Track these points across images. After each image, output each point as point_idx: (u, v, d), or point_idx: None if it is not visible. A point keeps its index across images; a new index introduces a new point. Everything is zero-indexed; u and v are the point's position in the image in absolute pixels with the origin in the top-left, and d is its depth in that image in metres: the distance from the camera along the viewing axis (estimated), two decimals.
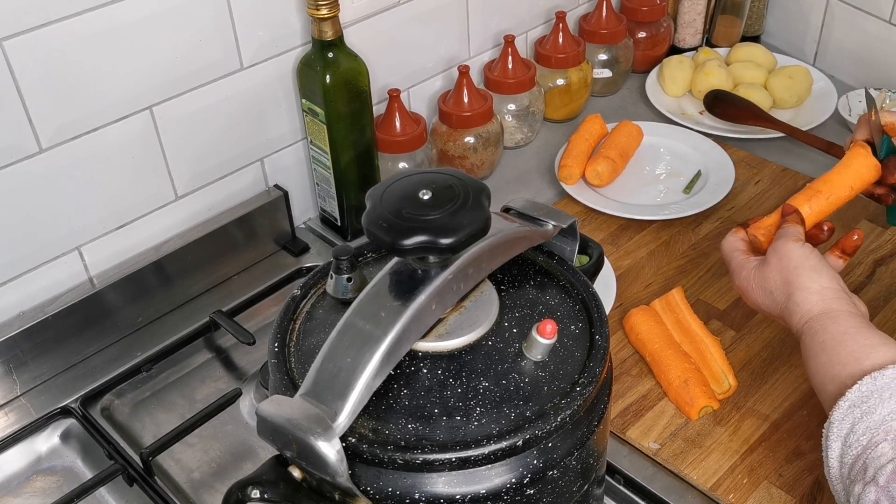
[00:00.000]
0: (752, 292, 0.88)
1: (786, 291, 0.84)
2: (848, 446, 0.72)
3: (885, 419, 0.69)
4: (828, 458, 0.74)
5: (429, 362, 0.67)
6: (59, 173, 0.98)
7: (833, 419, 0.73)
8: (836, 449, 0.73)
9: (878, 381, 0.72)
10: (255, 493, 0.59)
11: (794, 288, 0.84)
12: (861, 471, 0.70)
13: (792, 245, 0.86)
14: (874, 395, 0.71)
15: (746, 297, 0.89)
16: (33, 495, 0.95)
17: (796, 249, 0.86)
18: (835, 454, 0.73)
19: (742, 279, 0.89)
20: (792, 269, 0.84)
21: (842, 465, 0.72)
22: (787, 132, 1.32)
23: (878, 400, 0.71)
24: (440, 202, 0.63)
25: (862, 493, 0.68)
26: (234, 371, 1.07)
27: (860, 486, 0.69)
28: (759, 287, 0.87)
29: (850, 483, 0.71)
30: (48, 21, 0.90)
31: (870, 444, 0.70)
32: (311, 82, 1.10)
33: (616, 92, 1.52)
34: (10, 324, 1.00)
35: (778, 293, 0.85)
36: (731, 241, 0.94)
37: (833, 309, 0.81)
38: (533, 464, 0.63)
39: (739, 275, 0.90)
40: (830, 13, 1.48)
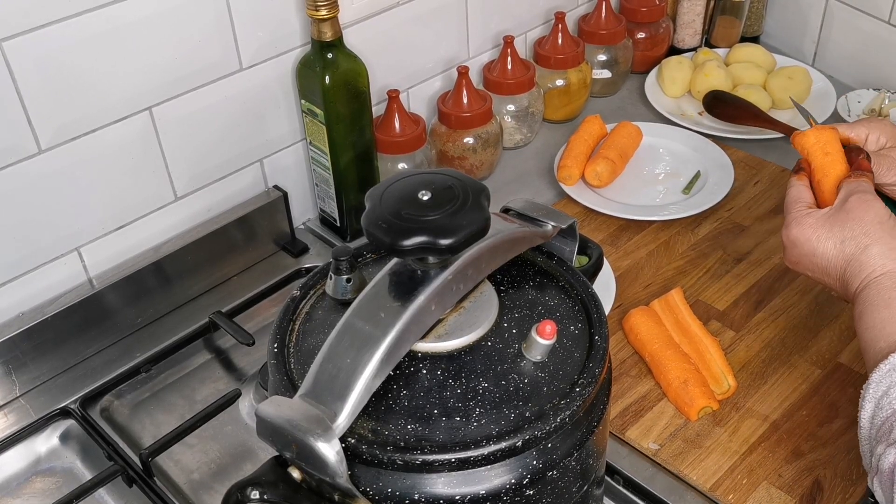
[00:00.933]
0: (816, 239, 0.85)
1: (862, 243, 0.82)
2: (880, 408, 0.72)
3: None
4: (861, 418, 0.75)
5: (428, 363, 0.67)
6: (58, 174, 0.98)
7: (871, 380, 0.74)
8: (868, 409, 0.74)
9: None
10: (254, 494, 0.59)
11: (873, 240, 0.82)
12: (886, 432, 0.71)
13: (879, 202, 0.85)
14: None
15: (803, 245, 0.86)
16: (33, 496, 0.95)
17: (882, 206, 0.85)
18: (867, 414, 0.74)
19: (806, 227, 0.86)
20: (876, 224, 0.83)
21: (872, 425, 0.73)
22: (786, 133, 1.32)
23: None
24: (439, 203, 0.63)
25: (883, 454, 0.69)
26: (233, 372, 1.07)
27: (882, 446, 0.70)
28: (827, 235, 0.85)
29: (875, 443, 0.72)
30: (48, 22, 0.90)
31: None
32: (310, 83, 1.10)
33: (615, 92, 1.52)
34: (10, 325, 1.00)
35: (850, 243, 0.83)
36: (797, 189, 0.91)
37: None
38: (532, 464, 0.63)
39: (803, 223, 0.87)
40: (829, 14, 1.48)
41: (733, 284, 1.12)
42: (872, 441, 0.74)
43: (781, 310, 1.08)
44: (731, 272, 1.14)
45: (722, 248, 1.18)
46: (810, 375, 1.00)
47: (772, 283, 1.12)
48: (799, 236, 0.87)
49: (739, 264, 1.15)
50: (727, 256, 1.16)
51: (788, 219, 0.89)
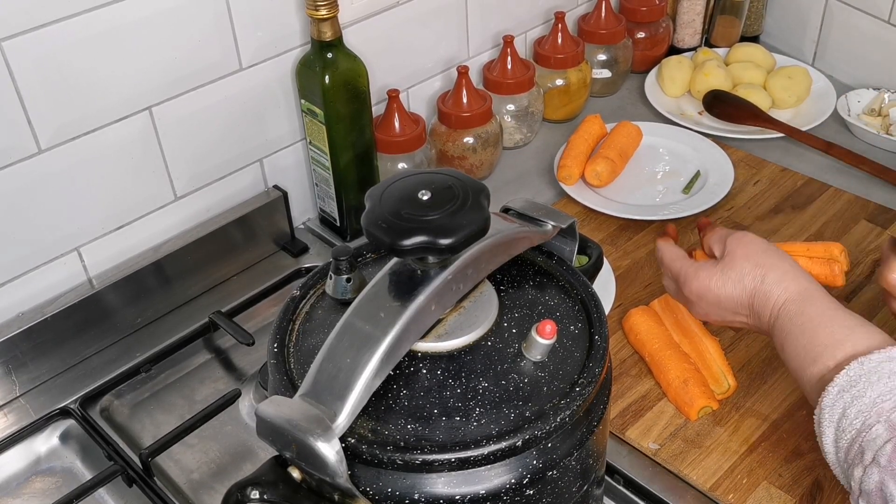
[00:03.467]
0: (715, 290, 0.87)
1: (758, 274, 0.84)
2: (842, 431, 0.72)
3: (875, 401, 0.70)
4: (823, 444, 0.75)
5: (428, 363, 0.67)
6: (58, 174, 0.98)
7: (824, 405, 0.74)
8: (829, 435, 0.74)
9: (865, 365, 0.73)
10: (254, 494, 0.59)
11: (767, 269, 0.84)
12: (859, 454, 0.70)
13: (750, 234, 0.88)
14: (862, 378, 0.72)
15: (708, 295, 0.88)
16: (32, 496, 0.95)
17: (756, 237, 0.88)
18: (829, 440, 0.74)
19: (703, 278, 0.88)
20: (761, 252, 0.86)
21: (837, 449, 0.73)
22: (786, 132, 1.32)
23: (867, 383, 0.72)
24: (439, 203, 0.63)
25: (864, 477, 0.69)
26: (233, 372, 1.07)
27: (860, 469, 0.70)
28: (724, 280, 0.86)
29: (848, 467, 0.72)
30: (47, 22, 0.90)
31: (863, 428, 0.70)
32: (310, 83, 1.10)
33: (615, 92, 1.52)
34: (10, 325, 1.00)
35: (749, 279, 0.85)
36: (670, 249, 0.94)
37: (807, 287, 0.82)
38: (532, 464, 0.63)
39: (699, 276, 0.88)
40: (829, 13, 1.48)
41: None
42: (843, 465, 0.73)
43: None
44: None
45: None
46: None
47: None
48: (700, 288, 0.88)
49: None
50: None
51: (681, 277, 0.90)
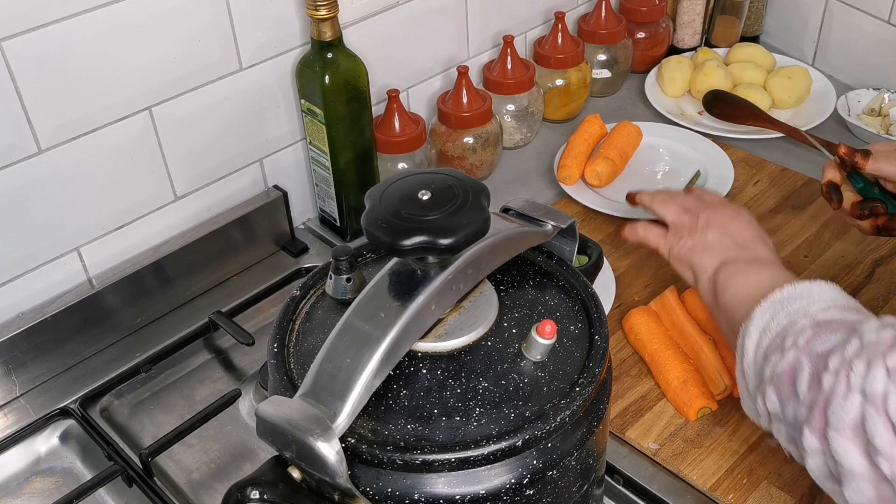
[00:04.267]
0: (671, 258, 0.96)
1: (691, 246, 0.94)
2: (766, 331, 0.77)
3: (804, 307, 0.76)
4: (745, 348, 0.78)
5: (428, 363, 0.67)
6: (58, 174, 0.98)
7: (754, 315, 0.78)
8: (754, 336, 0.78)
9: (797, 287, 0.78)
10: (254, 494, 0.59)
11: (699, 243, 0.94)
12: (779, 342, 0.74)
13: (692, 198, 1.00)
14: (793, 296, 0.77)
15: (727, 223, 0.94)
16: (32, 496, 0.95)
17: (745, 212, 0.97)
18: (752, 341, 0.78)
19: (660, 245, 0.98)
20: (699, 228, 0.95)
21: (758, 347, 0.77)
22: (786, 132, 1.32)
23: (797, 298, 0.77)
24: (439, 203, 0.63)
25: (779, 361, 0.73)
26: (233, 372, 1.07)
27: (777, 355, 0.74)
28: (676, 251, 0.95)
29: (765, 360, 0.76)
30: (47, 22, 0.90)
31: (789, 325, 0.75)
32: (310, 83, 1.10)
33: (615, 92, 1.52)
34: (10, 325, 1.00)
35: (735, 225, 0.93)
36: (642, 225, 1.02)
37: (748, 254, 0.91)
38: (532, 464, 0.63)
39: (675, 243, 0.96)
40: (829, 13, 1.48)
41: None
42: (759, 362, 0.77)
43: None
44: None
45: None
46: None
47: None
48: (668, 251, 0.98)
49: None
50: None
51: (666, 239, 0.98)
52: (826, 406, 0.67)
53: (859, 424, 0.65)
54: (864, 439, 0.64)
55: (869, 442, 0.64)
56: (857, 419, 0.65)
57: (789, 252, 1.16)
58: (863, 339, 0.67)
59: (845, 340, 0.69)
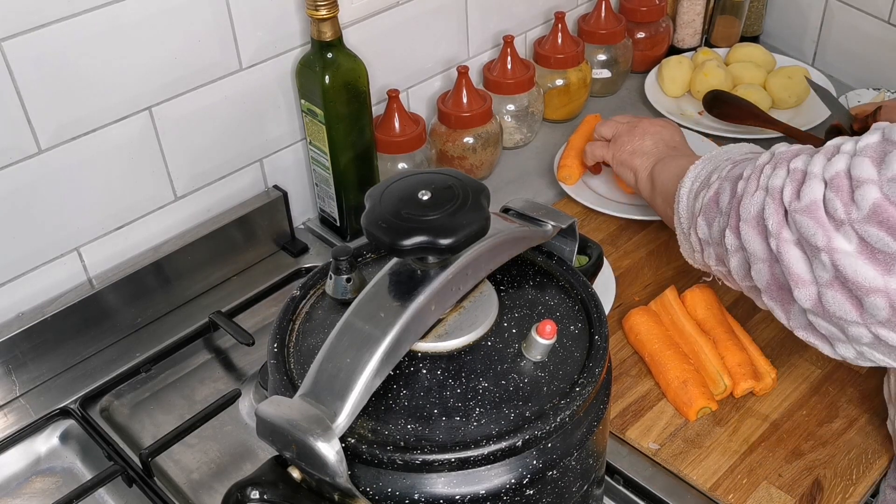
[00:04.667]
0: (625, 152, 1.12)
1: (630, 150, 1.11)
2: (697, 178, 0.91)
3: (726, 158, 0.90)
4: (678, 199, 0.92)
5: (428, 363, 0.67)
6: (58, 174, 0.98)
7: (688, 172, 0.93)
8: (687, 186, 0.92)
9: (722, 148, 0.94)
10: (254, 494, 0.59)
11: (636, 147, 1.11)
12: (705, 181, 0.88)
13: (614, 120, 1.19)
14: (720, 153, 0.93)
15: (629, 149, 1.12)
16: (33, 496, 0.95)
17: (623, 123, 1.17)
18: (686, 190, 0.92)
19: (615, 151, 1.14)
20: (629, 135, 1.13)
21: (689, 193, 0.91)
22: (785, 132, 1.32)
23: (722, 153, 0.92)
24: (439, 203, 0.63)
25: (705, 194, 0.86)
26: (233, 372, 1.07)
27: (704, 191, 0.87)
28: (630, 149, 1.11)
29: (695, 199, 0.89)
30: (47, 21, 0.90)
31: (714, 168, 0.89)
32: (310, 83, 1.10)
33: (615, 92, 1.52)
34: (10, 325, 1.00)
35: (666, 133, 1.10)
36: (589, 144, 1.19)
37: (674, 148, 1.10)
38: (532, 464, 0.63)
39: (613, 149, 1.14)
40: (829, 13, 1.48)
41: None
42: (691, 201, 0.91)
43: None
44: None
45: None
46: (810, 375, 1.00)
47: None
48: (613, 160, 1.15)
49: None
50: None
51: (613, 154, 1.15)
52: (738, 205, 0.80)
53: (760, 213, 0.78)
54: (763, 226, 0.77)
55: (765, 226, 0.77)
56: (759, 209, 0.78)
57: None
58: (774, 152, 0.81)
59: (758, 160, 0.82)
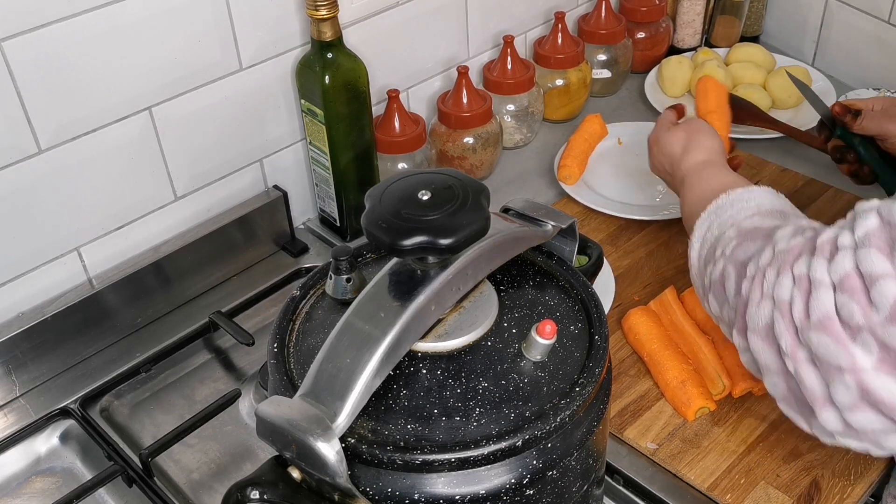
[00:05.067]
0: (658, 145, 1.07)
1: (684, 145, 1.03)
2: (705, 241, 0.87)
3: (732, 216, 0.86)
4: (690, 259, 0.89)
5: (428, 363, 0.67)
6: (58, 174, 0.98)
7: (695, 228, 0.89)
8: (696, 248, 0.89)
9: (730, 195, 0.88)
10: (254, 494, 0.59)
11: (691, 143, 1.02)
12: (711, 254, 0.85)
13: (701, 120, 1.09)
14: (725, 205, 0.88)
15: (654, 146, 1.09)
16: (33, 496, 0.95)
17: (703, 122, 1.08)
18: (695, 253, 0.89)
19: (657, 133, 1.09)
20: (694, 131, 1.04)
21: (699, 258, 0.88)
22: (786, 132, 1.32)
23: (729, 206, 0.87)
24: (439, 203, 0.63)
25: (713, 270, 0.83)
26: (233, 372, 1.07)
27: (711, 265, 0.84)
28: (666, 142, 1.05)
29: (704, 269, 0.86)
30: (47, 22, 0.90)
31: (719, 235, 0.85)
32: (310, 83, 1.10)
33: (615, 92, 1.52)
34: (10, 325, 1.00)
35: (678, 146, 1.03)
36: (666, 113, 1.13)
37: (713, 160, 1.00)
38: (532, 464, 0.63)
39: (655, 133, 1.09)
40: (829, 13, 1.48)
41: None
42: (702, 271, 0.87)
43: None
44: None
45: None
46: None
47: None
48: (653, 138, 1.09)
49: None
50: None
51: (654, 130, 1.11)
52: (745, 310, 0.77)
53: (770, 327, 0.73)
54: (774, 340, 0.73)
55: (777, 343, 0.73)
56: (769, 323, 0.74)
57: None
58: (775, 247, 0.76)
59: (761, 249, 0.78)
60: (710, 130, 1.05)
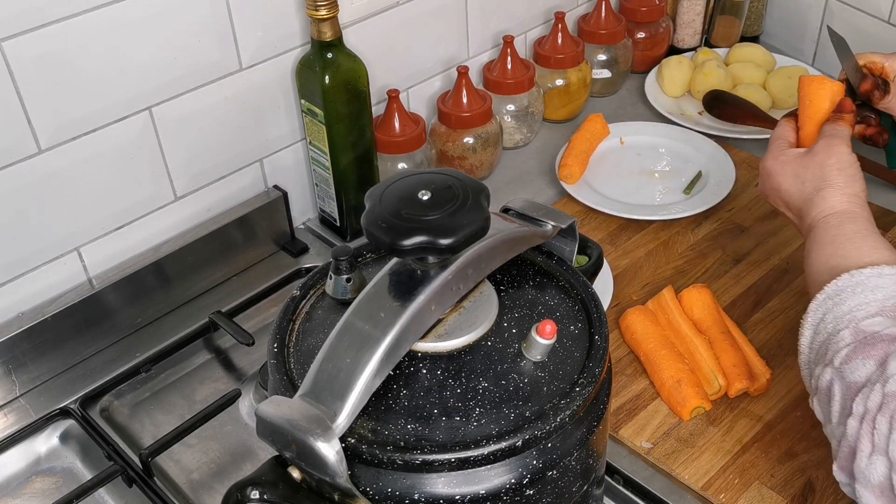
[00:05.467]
0: (781, 175, 0.91)
1: (818, 185, 0.88)
2: (817, 333, 0.78)
3: (851, 310, 0.75)
4: (800, 345, 0.80)
5: (428, 363, 0.67)
6: (58, 174, 0.98)
7: (810, 309, 0.79)
8: (807, 336, 0.79)
9: (854, 277, 0.76)
10: (254, 494, 0.59)
11: (827, 184, 0.87)
12: (822, 354, 0.76)
13: (843, 147, 0.90)
14: (847, 289, 0.76)
15: (772, 179, 0.93)
16: (33, 496, 0.95)
17: (846, 153, 0.89)
18: (806, 341, 0.79)
19: (779, 162, 0.93)
20: (834, 168, 0.88)
21: (810, 350, 0.79)
22: None
23: (850, 294, 0.76)
24: (439, 203, 0.63)
25: (821, 374, 0.75)
26: (233, 372, 1.07)
27: (820, 368, 0.75)
28: (793, 173, 0.90)
29: (813, 366, 0.77)
30: (47, 21, 0.90)
31: (833, 332, 0.75)
32: (310, 83, 1.10)
33: (615, 92, 1.52)
34: (10, 325, 1.00)
35: (809, 184, 0.88)
36: (783, 128, 0.97)
37: (856, 212, 0.85)
38: (532, 464, 0.63)
39: (777, 158, 0.93)
40: (829, 13, 1.48)
41: (731, 285, 1.12)
42: (812, 365, 0.78)
43: (779, 311, 1.08)
44: (730, 273, 1.14)
45: (721, 248, 1.18)
46: None
47: (770, 285, 1.12)
48: (770, 169, 0.94)
49: (738, 265, 1.15)
50: (726, 257, 1.16)
51: (769, 151, 0.95)
52: (852, 457, 0.69)
53: (886, 486, 0.66)
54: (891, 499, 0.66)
55: None
56: (884, 482, 0.66)
57: (789, 253, 1.16)
58: (885, 387, 0.67)
59: (872, 380, 0.69)
60: (853, 167, 0.88)
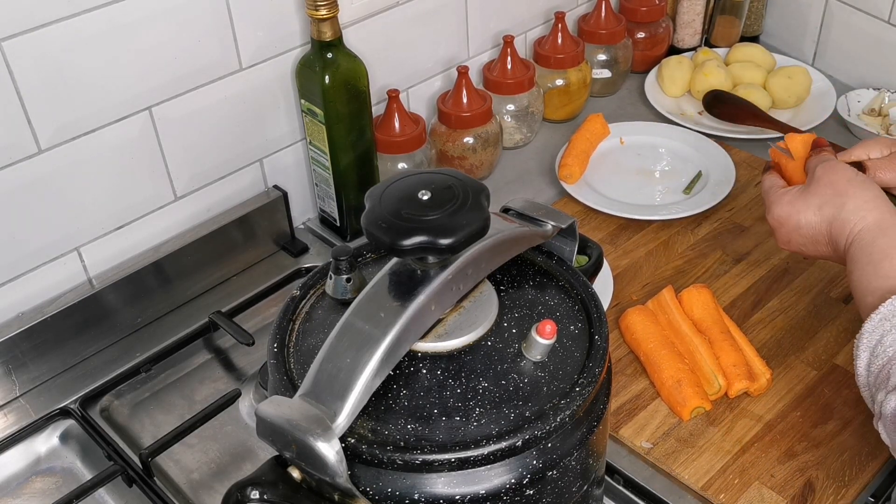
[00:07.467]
0: (795, 213, 0.89)
1: (836, 202, 0.86)
2: (875, 356, 0.75)
3: None
4: (857, 367, 0.78)
5: (428, 363, 0.67)
6: (58, 174, 0.98)
7: (864, 330, 0.77)
8: (864, 359, 0.77)
9: None
10: (254, 494, 0.59)
11: (847, 197, 0.85)
12: (885, 379, 0.74)
13: (841, 163, 0.89)
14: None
15: (788, 222, 0.90)
16: (32, 496, 0.95)
17: (846, 166, 0.88)
18: (863, 363, 0.77)
19: (784, 204, 0.90)
20: (845, 181, 0.86)
21: (868, 373, 0.77)
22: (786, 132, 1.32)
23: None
24: (439, 203, 0.63)
25: (885, 401, 0.73)
26: (233, 372, 1.07)
27: (883, 393, 0.73)
28: (805, 206, 0.88)
29: (875, 390, 0.76)
30: (47, 21, 0.90)
31: (894, 355, 0.73)
32: (310, 83, 1.10)
33: (615, 92, 1.52)
34: (10, 325, 1.00)
35: (828, 206, 0.86)
36: (770, 179, 0.96)
37: (886, 219, 0.83)
38: (532, 464, 0.63)
39: (781, 202, 0.91)
40: (829, 13, 1.48)
41: (731, 285, 1.12)
42: (872, 388, 0.77)
43: (779, 311, 1.08)
44: (730, 272, 1.14)
45: (721, 248, 1.18)
46: (806, 376, 1.00)
47: (770, 284, 1.12)
48: (781, 214, 0.91)
49: (738, 265, 1.15)
50: (726, 257, 1.16)
51: (767, 203, 0.93)
52: None
53: None
54: None
55: None
56: None
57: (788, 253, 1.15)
58: None
59: None
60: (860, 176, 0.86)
